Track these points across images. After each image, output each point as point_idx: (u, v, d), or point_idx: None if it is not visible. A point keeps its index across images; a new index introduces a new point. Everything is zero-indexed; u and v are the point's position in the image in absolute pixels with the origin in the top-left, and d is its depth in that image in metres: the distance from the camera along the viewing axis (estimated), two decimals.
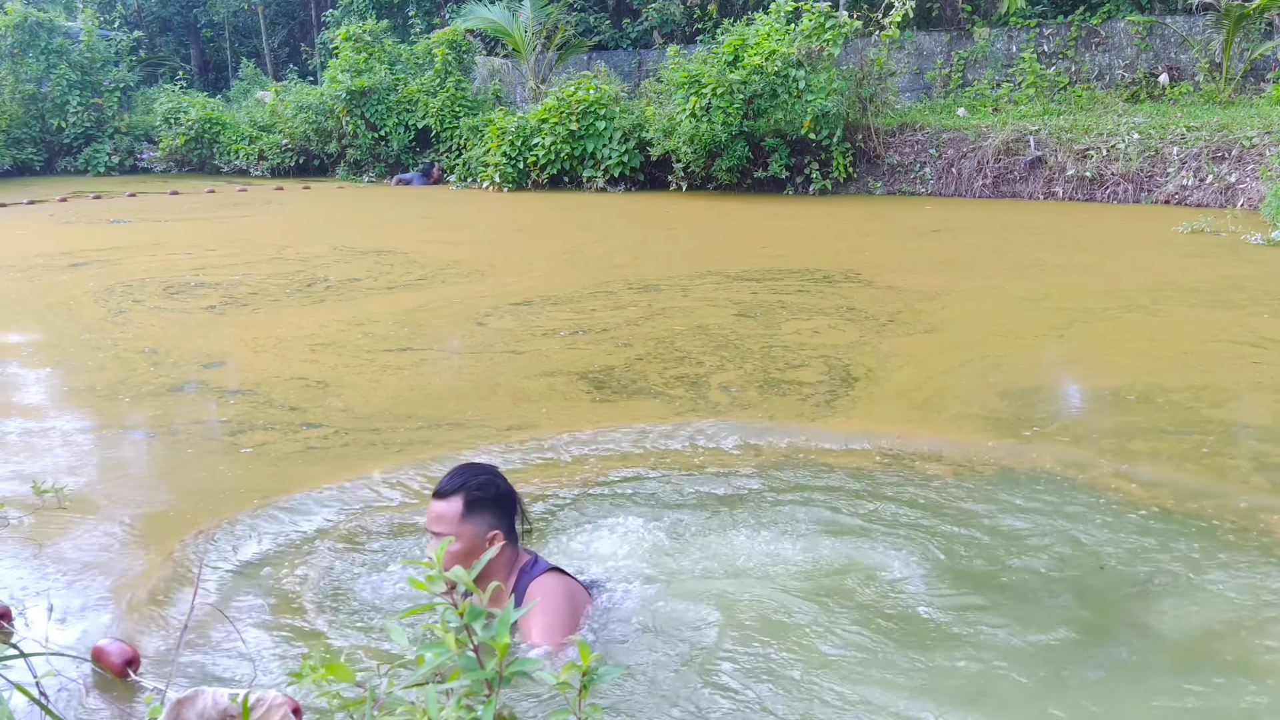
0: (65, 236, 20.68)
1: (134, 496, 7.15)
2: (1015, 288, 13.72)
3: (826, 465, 7.48)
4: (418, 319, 12.51)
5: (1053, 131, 24.81)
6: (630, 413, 8.83)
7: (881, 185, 26.64)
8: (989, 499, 6.71)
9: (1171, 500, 6.65)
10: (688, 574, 5.76)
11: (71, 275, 15.76)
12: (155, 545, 6.36)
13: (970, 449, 7.75)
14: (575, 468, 7.55)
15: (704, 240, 19.27)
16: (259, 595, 5.71)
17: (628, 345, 11.08)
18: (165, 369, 10.46)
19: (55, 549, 6.28)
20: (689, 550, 6.05)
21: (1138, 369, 9.82)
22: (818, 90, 25.40)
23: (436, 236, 19.75)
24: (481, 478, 5.19)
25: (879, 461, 7.57)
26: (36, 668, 4.48)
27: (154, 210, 25.97)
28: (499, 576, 5.09)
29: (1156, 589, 5.52)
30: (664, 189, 28.35)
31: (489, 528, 5.09)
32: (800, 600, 5.39)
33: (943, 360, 10.22)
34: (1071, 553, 5.94)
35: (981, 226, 20.33)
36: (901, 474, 7.26)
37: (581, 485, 7.18)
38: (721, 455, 7.80)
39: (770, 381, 9.63)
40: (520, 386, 9.68)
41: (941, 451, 7.71)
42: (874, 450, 7.79)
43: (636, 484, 7.18)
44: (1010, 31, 31.73)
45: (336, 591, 5.72)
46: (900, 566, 5.77)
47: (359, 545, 6.26)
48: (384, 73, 34.77)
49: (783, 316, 12.22)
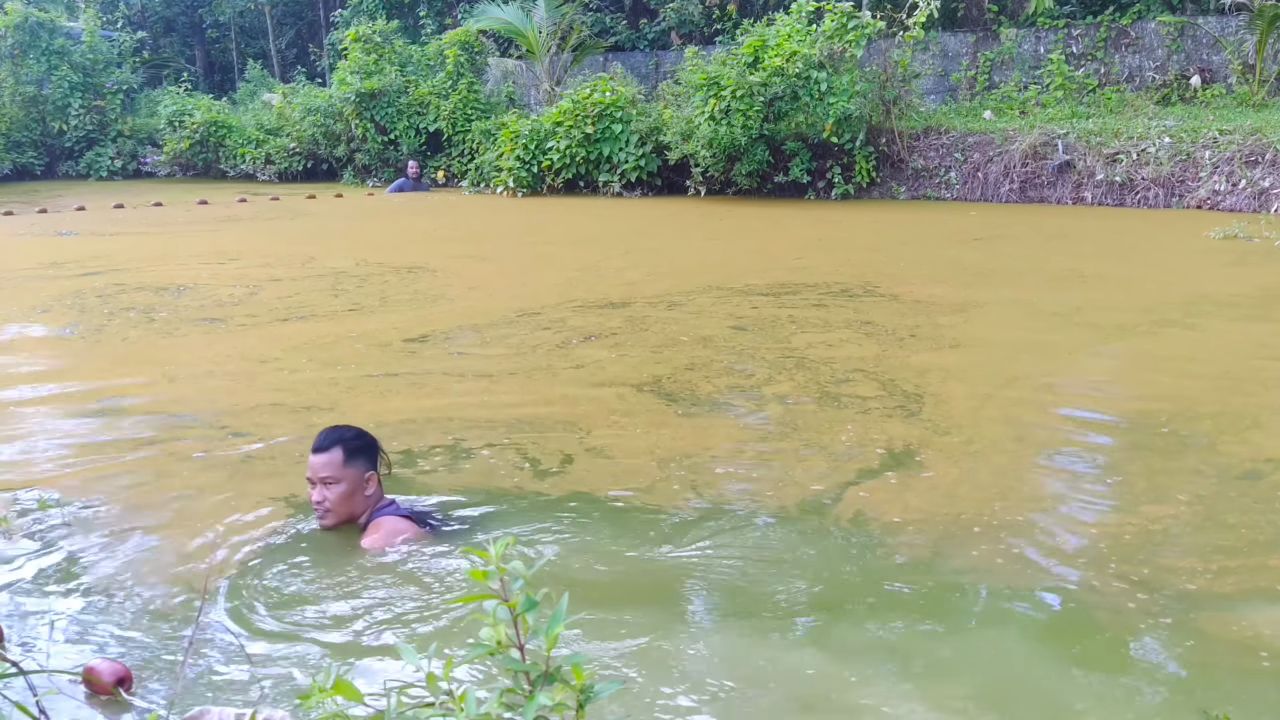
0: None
1: (138, 511, 7.13)
2: (1046, 301, 13.59)
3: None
4: (449, 332, 12.51)
5: (1081, 135, 24.77)
6: (706, 431, 8.81)
7: (905, 190, 26.60)
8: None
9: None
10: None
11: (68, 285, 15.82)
12: (160, 560, 6.36)
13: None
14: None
15: (722, 250, 19.18)
16: (266, 611, 5.69)
17: (667, 355, 11.06)
18: (179, 383, 10.50)
19: (56, 564, 6.28)
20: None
21: (1179, 392, 9.71)
22: (840, 92, 25.36)
23: (458, 250, 19.65)
24: (352, 431, 6.77)
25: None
26: (35, 686, 4.48)
27: (172, 223, 25.94)
28: (365, 511, 6.68)
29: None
30: (682, 194, 28.31)
31: (364, 470, 6.66)
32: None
33: (972, 383, 10.13)
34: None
35: (1017, 234, 20.25)
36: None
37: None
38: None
39: (827, 395, 9.59)
40: (576, 395, 9.69)
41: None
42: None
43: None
44: (1038, 32, 31.68)
45: (347, 609, 5.70)
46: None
47: (373, 563, 6.26)
48: (394, 75, 34.66)
49: (791, 329, 12.12)
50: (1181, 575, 5.95)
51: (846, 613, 5.65)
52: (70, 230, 23.16)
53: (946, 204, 25.52)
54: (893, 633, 5.43)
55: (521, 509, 7.06)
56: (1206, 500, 7.04)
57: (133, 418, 9.30)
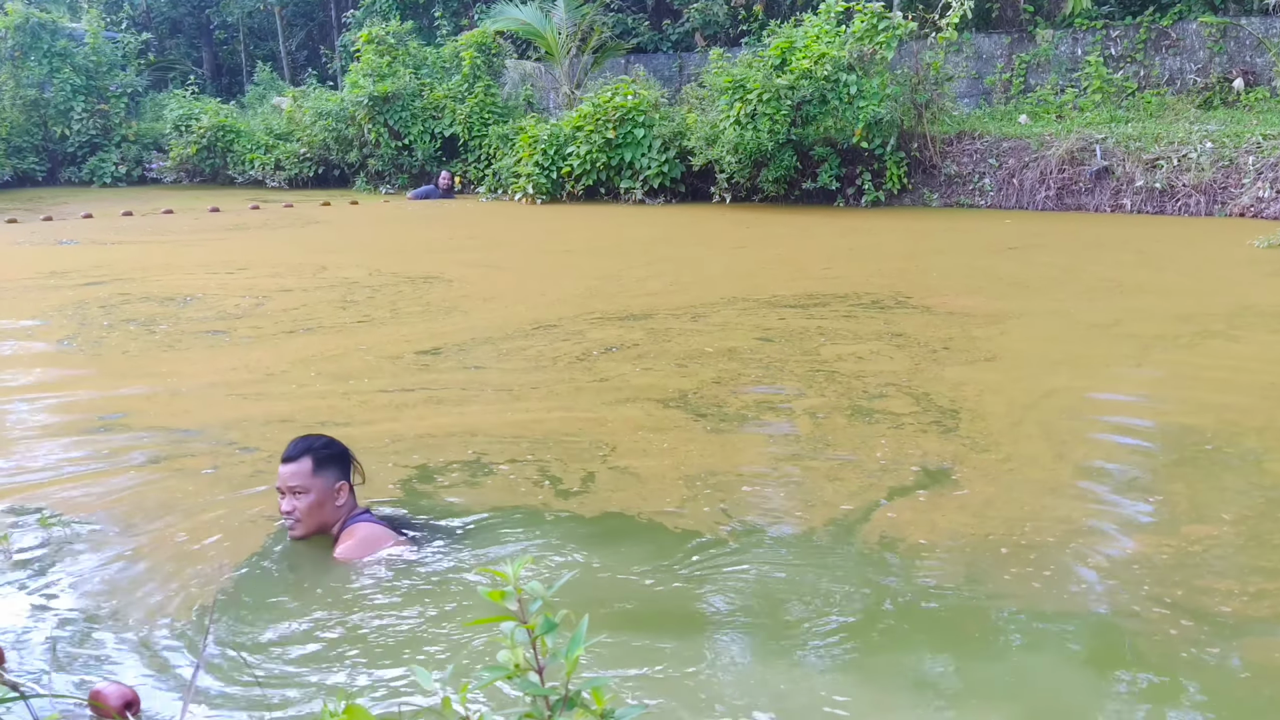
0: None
1: (144, 528, 7.14)
2: (1084, 311, 13.57)
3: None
4: (470, 344, 12.52)
5: (1120, 140, 24.72)
6: (735, 448, 8.80)
7: (938, 197, 26.59)
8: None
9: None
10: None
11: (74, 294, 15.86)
12: (166, 580, 6.36)
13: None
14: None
15: (748, 259, 19.16)
16: (275, 632, 5.71)
17: (692, 369, 11.06)
18: (184, 398, 10.51)
19: (58, 583, 6.30)
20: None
21: (1223, 406, 9.65)
22: (870, 96, 25.39)
23: (474, 260, 19.62)
24: (322, 440, 6.87)
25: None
26: (38, 710, 4.49)
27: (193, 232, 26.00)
28: (336, 521, 6.76)
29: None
30: (706, 201, 28.34)
31: (335, 480, 6.75)
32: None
33: (1009, 397, 10.10)
34: None
35: (1054, 243, 20.15)
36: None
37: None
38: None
39: (859, 410, 9.57)
40: (601, 410, 9.70)
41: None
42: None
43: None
44: (1075, 33, 31.60)
45: (355, 628, 5.71)
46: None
47: (378, 580, 6.26)
48: (408, 77, 34.72)
49: (820, 342, 12.13)
50: (1224, 599, 5.92)
51: (876, 637, 5.64)
52: (70, 239, 23.21)
53: (980, 211, 25.50)
54: (924, 659, 5.42)
55: (543, 527, 7.08)
56: (1251, 520, 7.00)
57: (136, 433, 9.32)
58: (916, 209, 26.27)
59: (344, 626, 5.72)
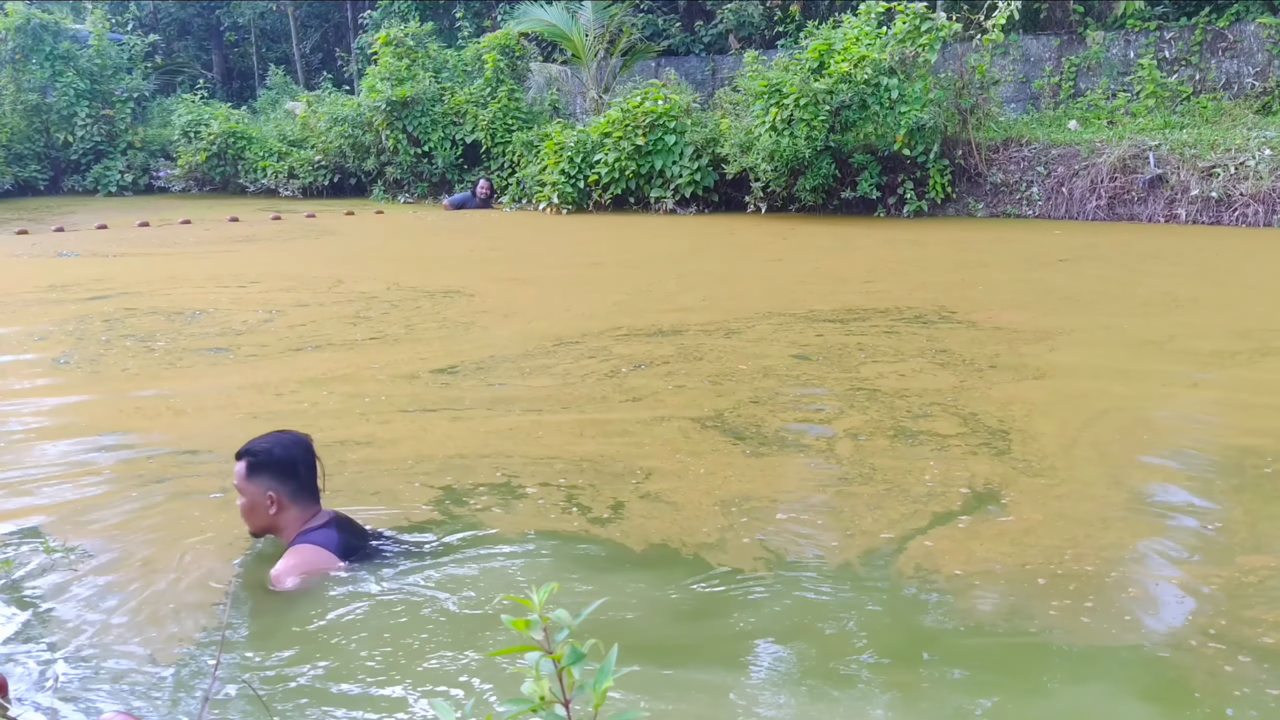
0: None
1: (150, 552, 7.16)
2: (1137, 327, 13.54)
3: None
4: (493, 361, 12.53)
5: (1175, 147, 24.63)
6: (774, 473, 8.78)
7: (984, 207, 26.54)
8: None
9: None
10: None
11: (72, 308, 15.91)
12: (173, 607, 6.38)
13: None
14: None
15: (784, 272, 19.13)
16: (288, 662, 5.71)
17: (727, 388, 11.05)
18: (188, 418, 10.54)
19: (61, 610, 6.32)
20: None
21: None
22: (912, 101, 25.35)
23: (497, 273, 19.60)
24: (263, 445, 6.80)
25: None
26: None
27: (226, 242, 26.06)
28: (287, 532, 6.80)
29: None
30: (740, 211, 28.37)
31: (266, 489, 6.71)
32: None
33: (1059, 417, 10.06)
34: None
35: (1105, 255, 20.12)
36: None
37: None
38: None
39: (902, 431, 9.55)
40: (636, 431, 9.70)
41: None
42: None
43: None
44: (1127, 35, 31.44)
45: (377, 660, 5.69)
46: None
47: (407, 610, 6.26)
48: (428, 81, 34.75)
49: (860, 359, 12.10)
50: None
51: (915, 675, 5.62)
52: (70, 251, 23.32)
53: (1028, 222, 25.46)
54: (965, 698, 5.39)
55: (572, 553, 7.08)
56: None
57: (140, 454, 9.36)
58: (961, 219, 26.25)
59: (359, 655, 5.72)
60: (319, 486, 6.92)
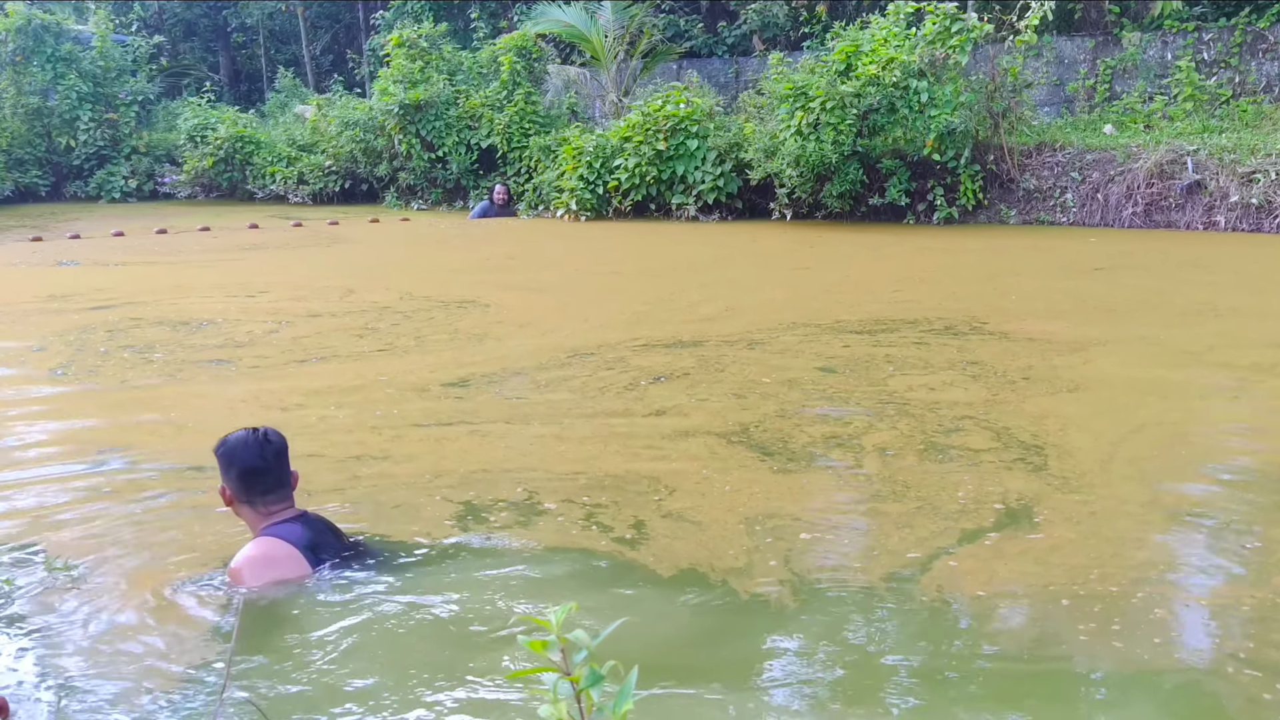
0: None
1: (156, 572, 7.15)
2: (1175, 338, 13.53)
3: None
4: (513, 374, 12.56)
5: (1213, 152, 24.57)
6: (802, 491, 8.76)
7: (1016, 214, 26.48)
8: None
9: None
10: None
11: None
12: (179, 627, 6.39)
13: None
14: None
15: (810, 281, 19.13)
16: (299, 684, 5.71)
17: (751, 401, 11.04)
18: (190, 432, 10.56)
19: (64, 630, 6.32)
20: None
21: None
22: (942, 104, 25.31)
23: (514, 282, 19.56)
24: (222, 442, 7.06)
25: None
26: None
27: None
28: (251, 527, 7.01)
29: None
30: (765, 218, 28.33)
31: (221, 484, 7.00)
32: None
33: (1095, 432, 10.03)
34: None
35: (1141, 263, 20.12)
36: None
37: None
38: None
39: (932, 446, 9.54)
40: (661, 446, 9.69)
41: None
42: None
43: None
44: (1164, 36, 31.39)
45: (390, 680, 5.69)
46: None
47: (422, 629, 6.27)
48: (442, 84, 34.71)
49: (888, 371, 12.09)
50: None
51: (938, 700, 5.61)
52: (71, 259, 23.36)
53: (1062, 229, 25.41)
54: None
55: (593, 572, 7.09)
56: None
57: (142, 468, 9.38)
58: (993, 226, 26.21)
59: (373, 675, 5.71)
60: (282, 485, 7.08)
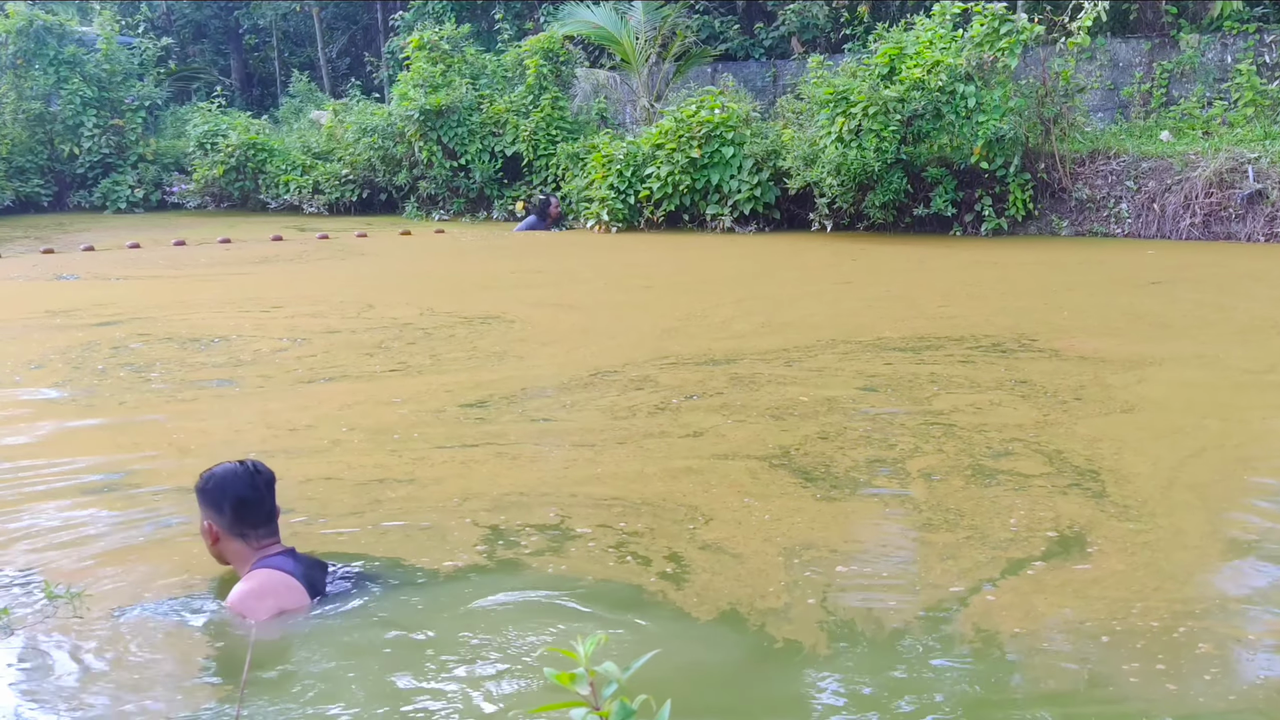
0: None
1: (163, 600, 7.17)
2: (1235, 356, 13.48)
3: None
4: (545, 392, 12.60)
5: (1275, 159, 24.47)
6: (845, 519, 8.73)
7: (1068, 225, 26.45)
8: None
9: None
10: None
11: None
12: (188, 655, 6.44)
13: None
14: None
15: (851, 296, 19.15)
16: (312, 713, 5.74)
17: (789, 422, 11.04)
18: (196, 457, 10.59)
19: (67, 661, 6.35)
20: None
21: None
22: (990, 109, 25.28)
23: (541, 297, 19.52)
24: (204, 475, 7.11)
25: None
26: None
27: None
28: (238, 565, 7.07)
29: None
30: (804, 229, 28.31)
31: (204, 519, 7.07)
32: None
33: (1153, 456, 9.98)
34: None
35: (1200, 277, 20.09)
36: None
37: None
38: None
39: (980, 471, 9.51)
40: (700, 469, 9.68)
41: None
42: None
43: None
44: (1224, 38, 31.25)
45: (408, 707, 5.72)
46: None
47: (438, 653, 6.29)
48: (465, 88, 34.65)
49: (933, 390, 12.08)
50: None
51: None
52: (71, 274, 23.43)
53: (1116, 241, 25.38)
54: None
55: (626, 604, 7.08)
56: None
57: (147, 493, 9.39)
58: (1043, 238, 26.18)
59: (388, 703, 5.76)
60: (272, 519, 7.14)
